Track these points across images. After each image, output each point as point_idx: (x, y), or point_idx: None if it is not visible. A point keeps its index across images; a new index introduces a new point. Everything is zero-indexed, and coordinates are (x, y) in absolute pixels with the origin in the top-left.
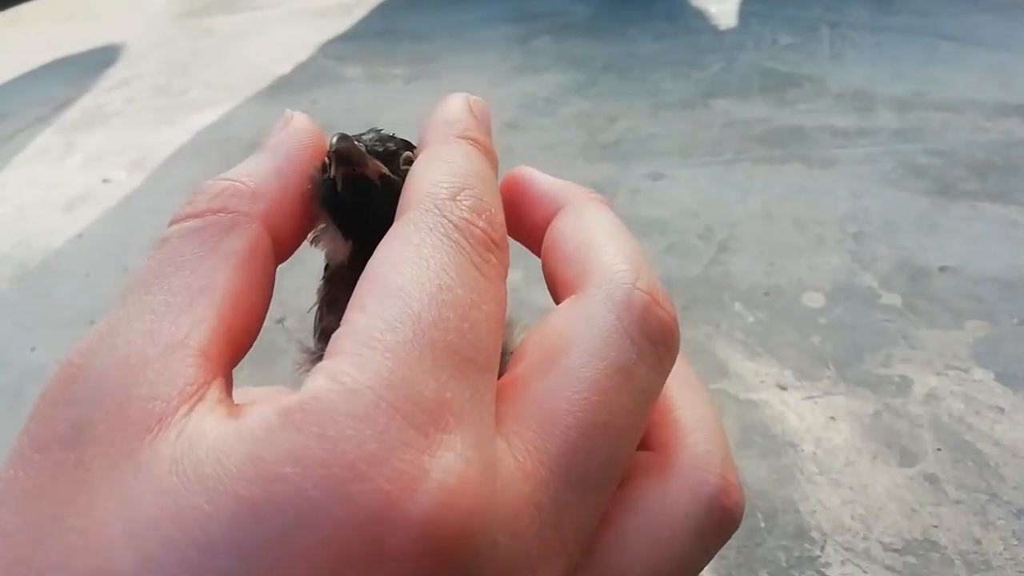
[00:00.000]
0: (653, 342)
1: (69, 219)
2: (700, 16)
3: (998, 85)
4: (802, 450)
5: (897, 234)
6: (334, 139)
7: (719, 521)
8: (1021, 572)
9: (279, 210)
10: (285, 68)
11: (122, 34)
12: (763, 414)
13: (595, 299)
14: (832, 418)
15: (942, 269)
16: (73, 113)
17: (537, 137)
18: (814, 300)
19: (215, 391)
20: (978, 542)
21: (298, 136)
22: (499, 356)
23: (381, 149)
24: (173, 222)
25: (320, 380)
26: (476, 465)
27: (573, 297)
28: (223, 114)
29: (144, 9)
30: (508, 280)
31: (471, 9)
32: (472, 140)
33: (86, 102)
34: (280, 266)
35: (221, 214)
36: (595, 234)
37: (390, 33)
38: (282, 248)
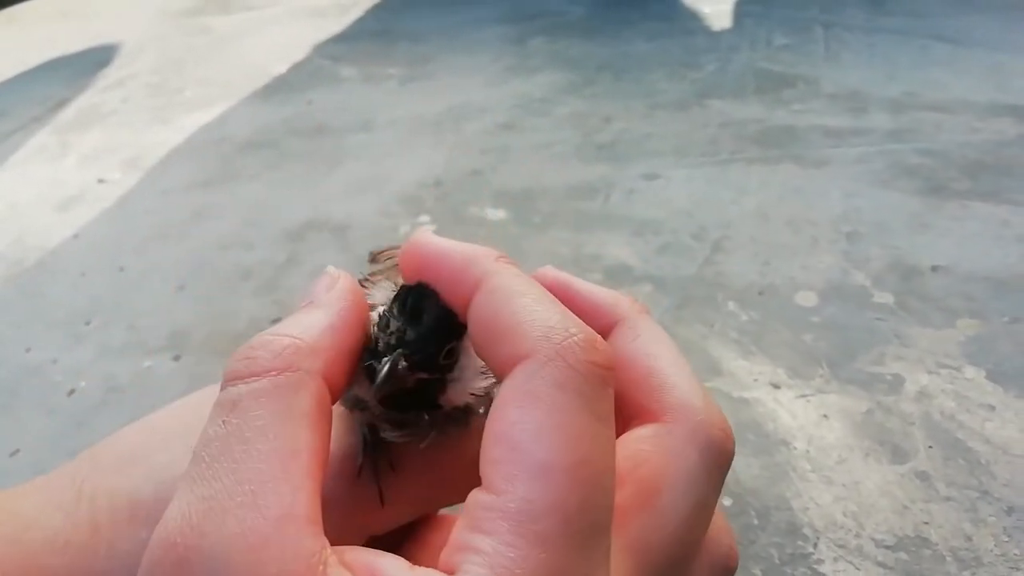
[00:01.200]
0: (723, 472)
1: (64, 219)
2: (695, 17)
3: (992, 86)
4: (795, 448)
5: (889, 234)
6: (385, 369)
7: (724, 464)
8: (1012, 568)
9: (334, 366)
10: (281, 68)
11: (118, 33)
12: (756, 412)
13: (680, 438)
14: (825, 416)
15: (934, 268)
16: (68, 113)
17: (532, 137)
18: (807, 299)
19: (333, 557)
20: (969, 539)
21: (347, 297)
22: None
23: (420, 357)
24: (236, 379)
25: (485, 569)
26: None
27: (657, 428)
28: (219, 114)
29: (140, 8)
30: None
31: (466, 10)
32: (511, 262)
33: (81, 102)
34: (276, 264)
35: (288, 373)
36: (664, 363)
37: (386, 34)
38: (335, 397)
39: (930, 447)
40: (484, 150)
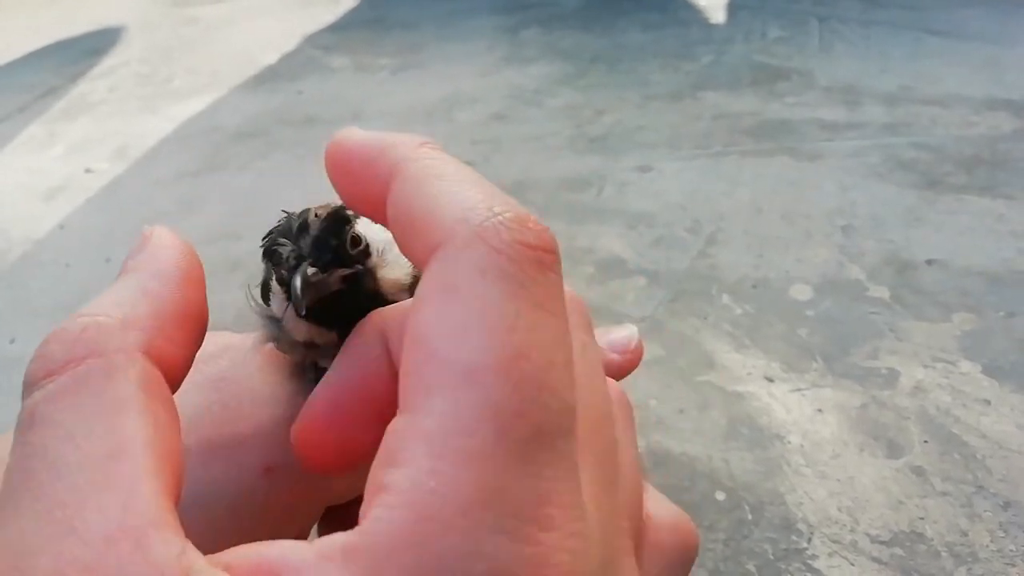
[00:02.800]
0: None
1: (50, 209)
2: (690, 8)
3: (987, 80)
4: (789, 442)
5: (884, 227)
6: (297, 280)
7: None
8: (1007, 564)
9: (160, 335)
10: (271, 57)
11: (106, 22)
12: (750, 406)
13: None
14: (819, 410)
15: (929, 262)
16: (55, 102)
17: (524, 128)
18: (802, 293)
19: (201, 561)
20: (964, 534)
21: (162, 253)
22: (575, 401)
23: (330, 256)
24: (31, 385)
25: (400, 511)
26: (578, 549)
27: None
28: (208, 103)
29: None
30: None
31: None
32: (436, 147)
33: (69, 91)
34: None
35: (91, 360)
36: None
37: (378, 23)
38: (174, 375)
39: (925, 442)
40: (476, 141)
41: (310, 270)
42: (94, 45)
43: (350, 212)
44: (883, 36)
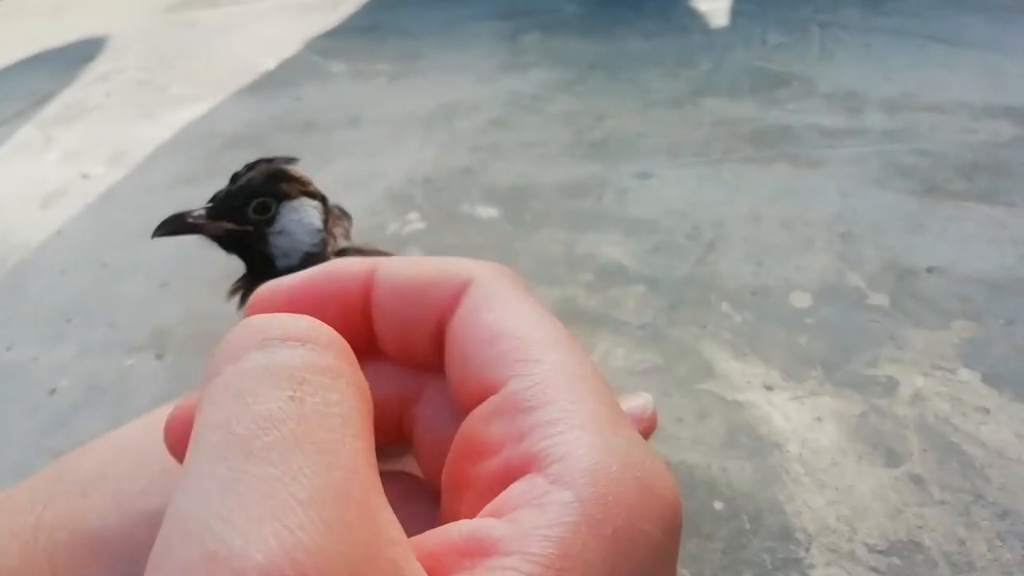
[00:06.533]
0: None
1: (47, 215)
2: (690, 15)
3: (987, 87)
4: (788, 451)
5: (885, 234)
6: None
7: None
8: (1005, 573)
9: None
10: (269, 64)
11: (103, 28)
12: (749, 415)
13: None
14: (818, 419)
15: (929, 270)
16: (52, 107)
17: (524, 135)
18: (801, 300)
19: None
20: (962, 543)
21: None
22: None
23: (225, 208)
24: (290, 338)
25: (577, 433)
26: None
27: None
28: (206, 109)
29: (129, 2)
30: None
31: (459, 5)
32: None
33: (66, 96)
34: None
35: (350, 359)
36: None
37: (376, 29)
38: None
39: (924, 450)
40: (475, 147)
41: (196, 211)
42: (90, 51)
43: (288, 171)
44: (884, 43)
